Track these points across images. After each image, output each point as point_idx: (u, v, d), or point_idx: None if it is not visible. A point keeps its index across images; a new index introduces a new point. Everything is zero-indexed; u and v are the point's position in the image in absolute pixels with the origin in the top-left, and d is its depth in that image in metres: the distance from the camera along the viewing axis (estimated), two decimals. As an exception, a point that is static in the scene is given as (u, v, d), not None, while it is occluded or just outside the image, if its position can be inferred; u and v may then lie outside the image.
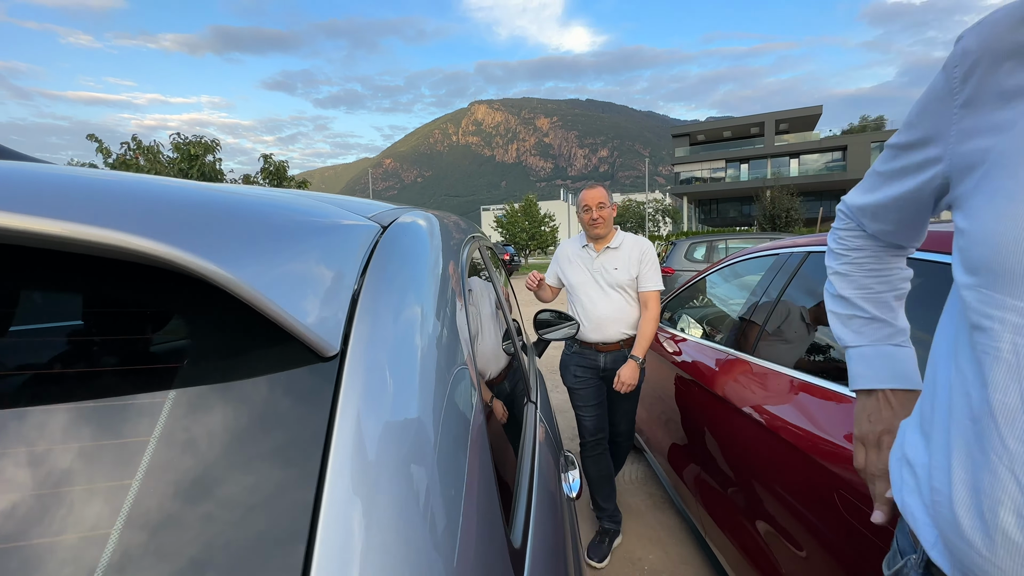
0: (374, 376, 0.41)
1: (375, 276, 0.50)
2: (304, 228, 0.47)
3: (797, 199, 30.27)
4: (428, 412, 0.45)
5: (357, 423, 0.38)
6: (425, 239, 0.69)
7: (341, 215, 0.57)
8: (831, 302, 0.81)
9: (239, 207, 0.43)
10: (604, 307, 2.11)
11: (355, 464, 0.36)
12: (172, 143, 9.98)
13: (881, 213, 0.70)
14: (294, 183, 12.03)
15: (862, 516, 1.05)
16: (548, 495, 0.86)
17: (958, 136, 0.52)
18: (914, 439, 0.57)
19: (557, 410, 4.03)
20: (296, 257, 0.42)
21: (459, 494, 0.44)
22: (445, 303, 0.61)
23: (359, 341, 0.42)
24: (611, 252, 2.14)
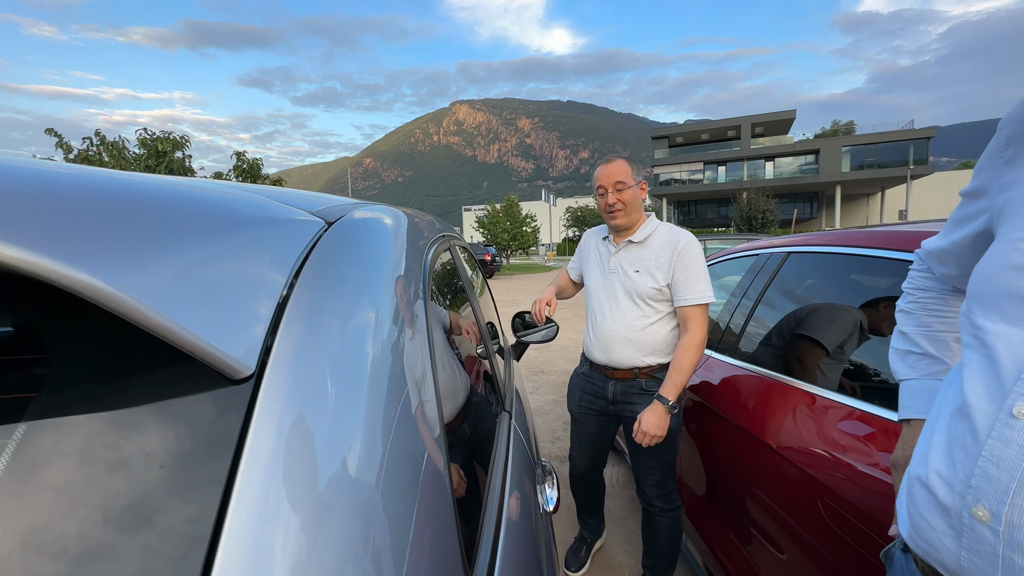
0: (301, 398, 0.36)
1: (311, 279, 0.43)
2: (221, 224, 0.40)
3: (773, 201, 31.02)
4: (370, 440, 0.39)
5: (271, 462, 0.32)
6: (381, 236, 0.62)
7: (274, 209, 0.50)
8: (894, 338, 0.85)
9: (128, 198, 0.36)
10: (612, 321, 1.58)
11: (261, 515, 0.30)
12: (138, 138, 9.59)
13: (945, 257, 0.74)
14: (268, 181, 11.71)
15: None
16: (521, 516, 0.79)
17: (999, 189, 0.57)
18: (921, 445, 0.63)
19: (536, 412, 3.97)
20: (206, 259, 0.36)
21: (405, 537, 0.39)
22: (402, 309, 0.55)
23: (283, 357, 0.36)
24: (633, 248, 1.57)
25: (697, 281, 1.47)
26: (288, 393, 0.35)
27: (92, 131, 8.99)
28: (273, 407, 0.34)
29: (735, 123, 42.65)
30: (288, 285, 0.41)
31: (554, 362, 5.45)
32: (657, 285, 1.51)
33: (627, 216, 1.55)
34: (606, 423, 1.73)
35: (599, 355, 1.64)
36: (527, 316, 2.18)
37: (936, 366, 0.77)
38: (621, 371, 1.61)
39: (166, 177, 0.53)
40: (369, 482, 0.38)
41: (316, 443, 0.35)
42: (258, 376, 0.34)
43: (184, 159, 10.01)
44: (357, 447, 0.38)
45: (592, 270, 1.69)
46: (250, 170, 11.18)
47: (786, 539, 1.22)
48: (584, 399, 1.73)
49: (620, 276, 1.58)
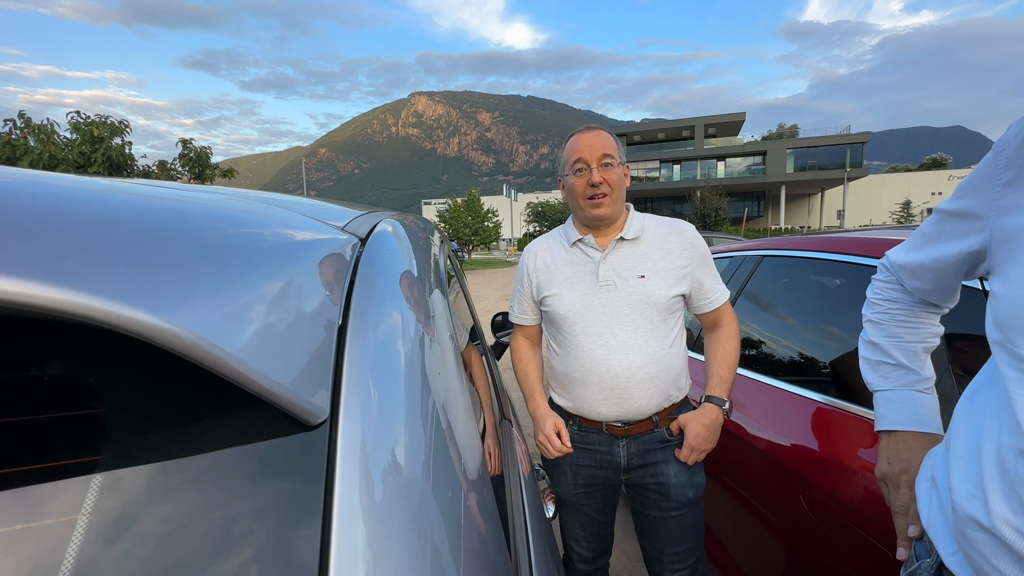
0: (374, 435, 0.34)
1: (360, 305, 0.41)
2: (270, 248, 0.37)
3: (725, 199, 32.39)
4: (435, 459, 0.39)
5: (361, 515, 0.30)
6: (406, 250, 0.60)
7: (312, 227, 0.47)
8: (863, 348, 0.87)
9: (174, 222, 0.33)
10: (623, 355, 1.11)
11: (366, 541, 0.29)
12: (70, 122, 8.81)
13: (920, 272, 0.75)
14: (219, 171, 11.07)
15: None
16: (539, 522, 0.80)
17: (999, 211, 0.57)
18: (943, 464, 0.62)
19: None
20: (264, 290, 0.33)
21: (471, 546, 0.39)
22: (436, 324, 0.53)
23: (353, 396, 0.34)
24: (627, 248, 1.16)
25: (718, 276, 1.21)
26: (362, 432, 0.33)
27: (12, 111, 8.18)
28: (352, 451, 0.32)
29: (689, 123, 44.12)
30: (342, 314, 0.39)
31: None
32: (676, 291, 1.13)
33: (613, 205, 1.14)
34: (612, 494, 1.26)
35: (606, 409, 1.13)
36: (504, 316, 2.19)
37: (909, 376, 0.80)
38: (638, 424, 1.15)
39: (183, 187, 0.49)
40: (443, 497, 0.38)
41: (392, 478, 0.34)
42: (332, 418, 0.33)
43: (124, 146, 9.30)
44: (426, 468, 0.37)
45: (569, 288, 1.17)
46: (198, 159, 10.53)
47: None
48: (581, 475, 1.20)
49: (620, 288, 1.13)
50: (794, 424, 1.27)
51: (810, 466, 1.17)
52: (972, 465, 0.55)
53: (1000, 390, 0.53)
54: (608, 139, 1.15)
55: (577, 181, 1.15)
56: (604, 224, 1.17)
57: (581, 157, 1.13)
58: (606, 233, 1.18)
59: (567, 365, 1.17)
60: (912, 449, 0.76)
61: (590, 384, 1.14)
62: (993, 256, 0.58)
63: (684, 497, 1.15)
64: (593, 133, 1.16)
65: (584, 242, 1.19)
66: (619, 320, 1.13)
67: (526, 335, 1.33)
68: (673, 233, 1.18)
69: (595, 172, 1.12)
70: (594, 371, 1.13)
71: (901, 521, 0.74)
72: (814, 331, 1.47)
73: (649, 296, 1.12)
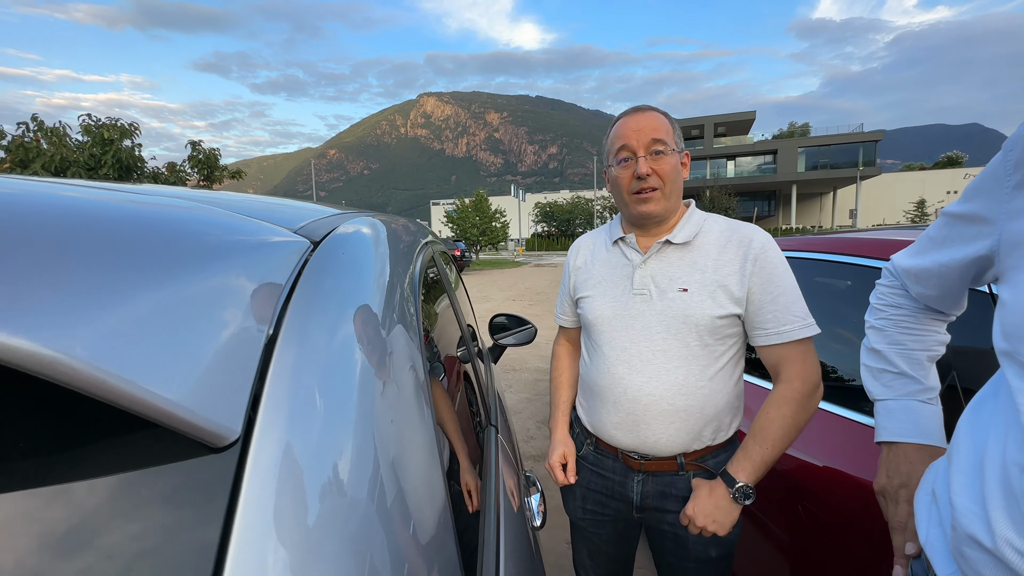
0: (294, 460, 0.31)
1: (299, 316, 0.37)
2: (189, 252, 0.34)
3: (735, 199, 32.09)
4: (379, 480, 0.36)
5: (264, 547, 0.27)
6: (371, 256, 0.56)
7: (252, 229, 0.43)
8: (865, 355, 0.83)
9: (64, 222, 0.30)
10: (647, 377, 0.96)
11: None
12: (81, 125, 8.94)
13: (925, 277, 0.72)
14: (227, 173, 11.18)
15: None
16: (517, 538, 0.77)
17: (1009, 215, 0.54)
18: (944, 478, 0.59)
19: (512, 411, 3.95)
20: (174, 301, 0.30)
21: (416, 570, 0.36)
22: (398, 339, 0.49)
23: (275, 413, 0.31)
24: (672, 254, 0.98)
25: (792, 302, 0.90)
26: (280, 456, 0.30)
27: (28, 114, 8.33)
28: (263, 477, 0.29)
29: (699, 122, 43.77)
30: (274, 323, 0.35)
31: (526, 360, 5.44)
32: (724, 311, 0.92)
33: (665, 200, 0.96)
34: (627, 528, 1.10)
35: (620, 435, 1.00)
36: (503, 318, 2.16)
37: (912, 386, 0.76)
38: (657, 461, 0.99)
39: (108, 185, 0.46)
40: (384, 518, 0.35)
41: (320, 501, 0.31)
42: (245, 439, 0.30)
43: (133, 147, 9.42)
44: (364, 488, 0.34)
45: (601, 293, 1.03)
46: (207, 161, 10.65)
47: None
48: (591, 501, 1.09)
49: (656, 299, 0.96)
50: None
51: (810, 477, 1.12)
52: (974, 480, 0.53)
53: (1007, 402, 0.50)
54: (660, 121, 0.96)
55: (622, 173, 0.97)
56: (652, 223, 0.99)
57: (626, 144, 0.95)
58: (653, 233, 1.00)
59: (589, 377, 1.05)
60: (912, 462, 0.73)
61: (606, 403, 1.00)
62: (1002, 262, 0.56)
63: (705, 555, 0.98)
64: (642, 115, 0.97)
65: (625, 242, 1.03)
66: (648, 337, 0.96)
67: (567, 338, 1.22)
68: (735, 240, 0.95)
69: (642, 162, 0.93)
70: (611, 389, 0.99)
71: (899, 537, 0.71)
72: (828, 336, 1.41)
73: (689, 314, 0.92)
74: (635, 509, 1.03)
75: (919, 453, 0.73)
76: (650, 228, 1.01)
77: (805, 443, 1.16)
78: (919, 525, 0.62)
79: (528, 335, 2.01)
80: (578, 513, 1.12)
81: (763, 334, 0.92)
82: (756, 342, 0.94)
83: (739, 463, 0.89)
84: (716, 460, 0.98)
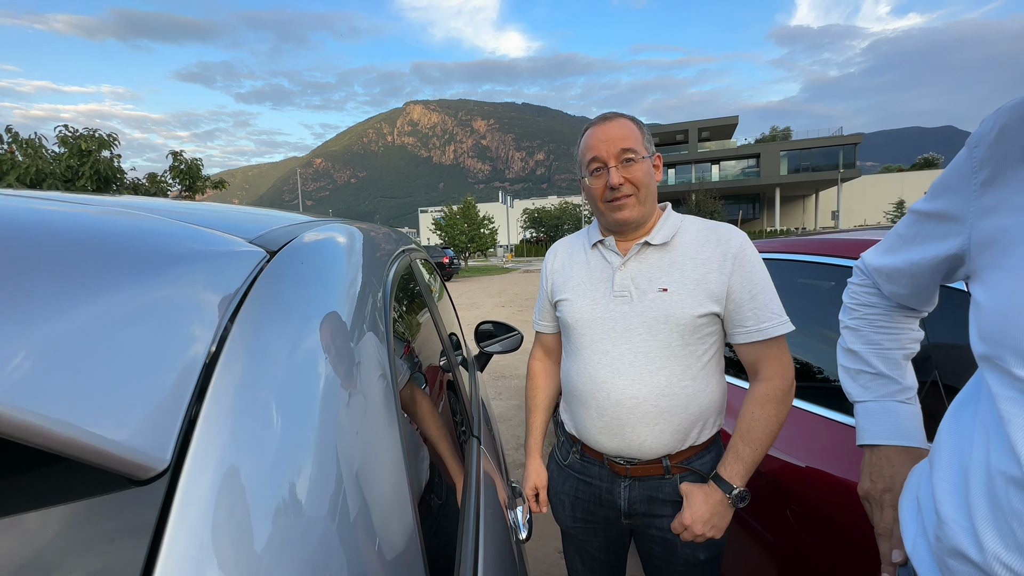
0: (231, 493, 0.28)
1: (246, 332, 0.34)
2: (110, 264, 0.31)
3: (720, 202, 32.50)
4: (335, 502, 0.34)
5: (197, 562, 0.25)
6: (335, 266, 0.53)
7: (200, 239, 0.40)
8: (842, 355, 0.82)
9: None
10: (629, 380, 0.95)
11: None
12: (58, 136, 8.75)
13: (896, 276, 0.71)
14: (210, 183, 11.02)
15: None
16: (498, 554, 0.74)
17: (978, 212, 0.53)
18: (927, 485, 0.57)
19: (499, 419, 3.92)
20: (94, 321, 0.27)
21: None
22: (362, 360, 0.46)
23: (213, 439, 0.28)
24: (652, 255, 0.99)
25: (769, 299, 0.92)
26: (219, 482, 0.28)
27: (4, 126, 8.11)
28: (196, 508, 0.26)
29: (683, 127, 44.37)
30: (217, 339, 0.32)
31: (515, 366, 5.41)
32: (704, 310, 0.92)
33: (640, 206, 0.97)
34: (618, 535, 1.10)
35: (605, 439, 0.98)
36: (490, 325, 2.13)
37: (890, 386, 0.75)
38: (643, 465, 0.98)
39: (42, 194, 0.44)
40: (342, 539, 0.33)
41: (264, 531, 0.28)
42: (175, 469, 0.27)
43: (112, 158, 9.24)
44: (314, 513, 0.32)
45: (580, 295, 1.03)
46: (189, 171, 10.48)
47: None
48: (580, 509, 1.08)
49: (636, 301, 0.96)
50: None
51: (797, 479, 1.11)
52: (958, 488, 0.51)
53: (988, 407, 0.49)
54: (628, 129, 0.96)
55: (594, 183, 0.98)
56: (629, 228, 1.00)
57: (596, 155, 0.96)
58: (630, 236, 1.01)
59: (571, 381, 1.04)
60: (895, 465, 0.72)
61: (589, 407, 0.99)
62: (973, 260, 0.55)
63: (694, 559, 0.98)
64: (610, 124, 0.97)
65: (604, 244, 1.03)
66: (629, 339, 0.95)
67: (544, 347, 1.20)
68: (713, 239, 0.96)
69: (613, 172, 0.94)
70: (594, 393, 0.98)
71: (885, 544, 0.69)
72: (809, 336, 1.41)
73: (669, 314, 0.92)
74: (623, 515, 1.02)
75: (901, 455, 0.72)
76: (628, 233, 1.01)
77: (794, 444, 1.15)
78: (905, 534, 0.60)
79: (514, 342, 1.99)
80: (568, 522, 1.11)
81: (743, 332, 0.93)
82: (736, 340, 0.95)
83: (731, 466, 0.89)
84: (701, 461, 0.98)
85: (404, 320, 0.83)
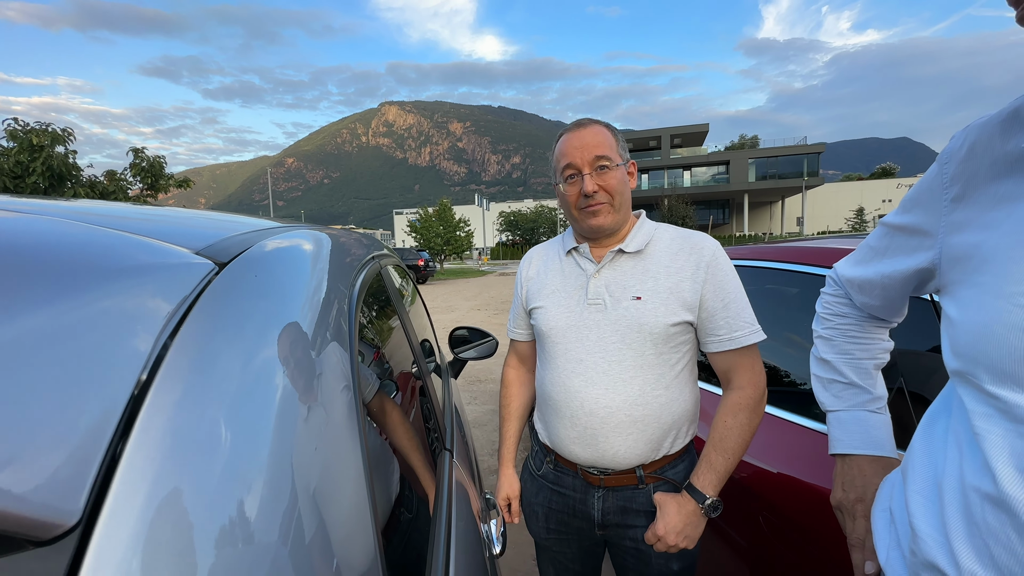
0: (167, 524, 0.24)
1: (183, 359, 0.30)
2: (20, 280, 0.27)
3: (691, 207, 33.29)
4: (284, 542, 0.30)
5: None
6: (294, 278, 0.48)
7: (134, 250, 0.36)
8: (814, 365, 0.83)
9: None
10: (603, 389, 0.94)
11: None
12: (7, 130, 8.26)
13: (867, 287, 0.72)
14: (174, 181, 10.60)
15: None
16: (469, 570, 0.71)
17: (948, 228, 0.53)
18: (900, 497, 0.57)
19: (474, 424, 3.87)
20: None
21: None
22: (324, 365, 0.43)
23: (135, 485, 0.24)
24: (626, 263, 0.98)
25: (742, 308, 0.93)
26: (144, 531, 0.24)
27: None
28: (112, 568, 0.22)
29: (656, 134, 45.30)
30: (150, 366, 0.28)
31: (491, 370, 5.37)
32: (677, 319, 0.92)
33: (614, 213, 0.96)
34: (592, 545, 1.09)
35: (578, 449, 0.97)
36: (464, 331, 2.10)
37: (862, 395, 0.76)
38: (616, 475, 0.97)
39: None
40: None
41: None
42: (88, 524, 0.22)
43: (67, 155, 8.78)
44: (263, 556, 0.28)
45: (555, 303, 1.01)
46: (151, 169, 10.05)
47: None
48: (553, 520, 1.06)
49: (610, 309, 0.95)
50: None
51: (770, 486, 1.12)
52: (932, 503, 0.51)
53: (960, 422, 0.49)
54: (602, 136, 0.95)
55: (569, 190, 0.97)
56: (603, 235, 0.99)
57: (571, 163, 0.95)
58: (604, 244, 1.01)
59: (544, 390, 1.02)
60: (867, 475, 0.72)
61: (563, 418, 0.98)
62: (943, 275, 0.55)
63: (667, 569, 0.97)
64: (585, 131, 0.96)
65: (579, 251, 1.02)
66: (603, 347, 0.94)
67: (518, 355, 1.19)
68: (686, 247, 0.96)
69: (588, 180, 0.93)
70: (567, 403, 0.96)
71: (857, 555, 0.69)
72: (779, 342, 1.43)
73: (643, 322, 0.92)
74: (597, 526, 1.01)
75: (873, 465, 0.72)
76: (602, 239, 1.01)
77: (767, 451, 1.16)
78: (878, 546, 0.60)
79: (489, 348, 1.97)
80: (542, 533, 1.10)
81: (716, 340, 0.93)
82: (708, 348, 0.95)
83: (705, 476, 0.89)
84: (674, 471, 0.97)
85: (372, 328, 0.79)
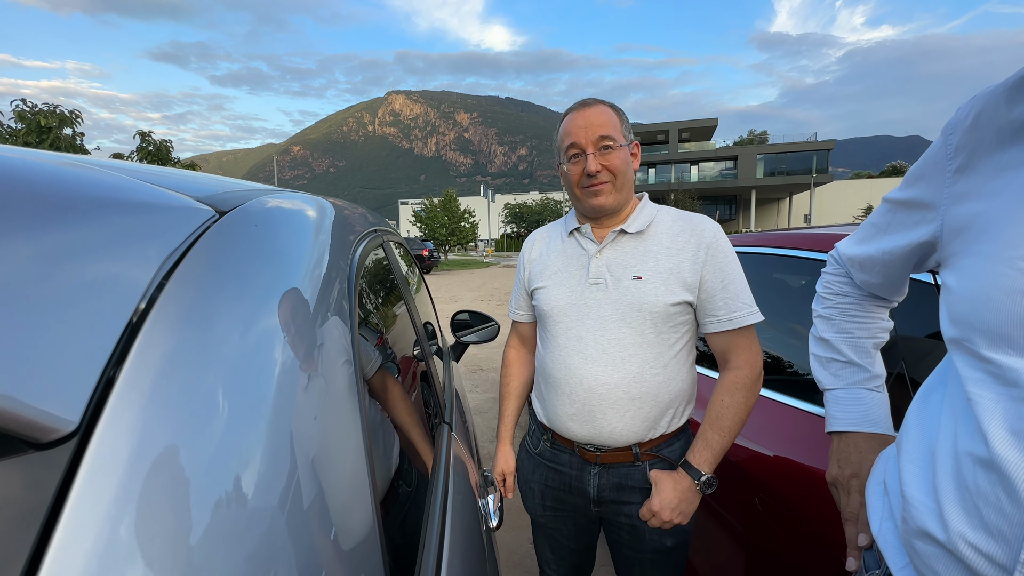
0: (163, 455, 0.25)
1: (184, 288, 0.31)
2: (35, 211, 0.28)
3: (698, 203, 33.10)
4: (275, 483, 0.31)
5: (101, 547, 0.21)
6: (295, 231, 0.50)
7: (136, 192, 0.37)
8: (813, 344, 0.83)
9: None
10: (602, 367, 0.96)
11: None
12: (15, 111, 8.30)
13: (869, 265, 0.72)
14: (180, 166, 10.64)
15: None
16: (464, 539, 0.72)
17: (951, 199, 0.54)
18: (894, 469, 0.58)
19: (475, 411, 3.90)
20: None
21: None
22: (318, 324, 0.43)
23: (130, 399, 0.25)
24: (627, 243, 0.99)
25: (741, 290, 0.94)
26: (136, 450, 0.24)
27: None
28: (108, 477, 0.23)
29: (664, 127, 44.93)
30: (147, 297, 0.29)
31: (492, 359, 5.40)
32: (677, 299, 0.93)
33: (616, 193, 0.97)
34: (588, 523, 1.11)
35: (576, 426, 0.98)
36: (466, 315, 2.11)
37: (860, 374, 0.76)
38: (613, 452, 0.98)
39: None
40: (290, 524, 0.31)
41: (187, 523, 0.25)
42: (85, 432, 0.23)
43: (75, 136, 8.82)
44: (252, 491, 0.29)
45: (557, 283, 1.03)
46: (157, 152, 10.09)
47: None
48: (549, 497, 1.08)
49: (611, 288, 0.96)
50: (749, 425, 1.23)
51: (765, 468, 1.12)
52: (925, 470, 0.51)
53: (956, 391, 0.50)
54: (607, 116, 0.96)
55: (572, 169, 0.98)
56: (605, 215, 1.00)
57: (575, 142, 0.96)
58: (606, 224, 1.01)
59: (544, 367, 1.04)
60: (863, 452, 0.73)
61: (561, 395, 0.99)
62: (945, 247, 0.55)
63: (661, 545, 0.99)
64: (589, 110, 0.96)
65: (581, 232, 1.03)
66: (603, 326, 0.96)
67: (519, 336, 1.20)
68: (687, 229, 0.97)
69: (591, 159, 0.94)
70: (567, 380, 0.98)
71: (851, 528, 0.70)
72: (779, 328, 1.43)
73: (643, 302, 0.93)
74: (592, 503, 1.03)
75: (869, 442, 0.73)
76: (604, 220, 1.02)
77: (763, 434, 1.16)
78: (871, 516, 0.61)
79: (491, 332, 1.97)
80: (538, 510, 1.12)
81: (715, 321, 0.94)
82: (707, 329, 0.96)
83: (700, 453, 0.91)
84: (670, 449, 0.99)
85: (373, 301, 0.80)
